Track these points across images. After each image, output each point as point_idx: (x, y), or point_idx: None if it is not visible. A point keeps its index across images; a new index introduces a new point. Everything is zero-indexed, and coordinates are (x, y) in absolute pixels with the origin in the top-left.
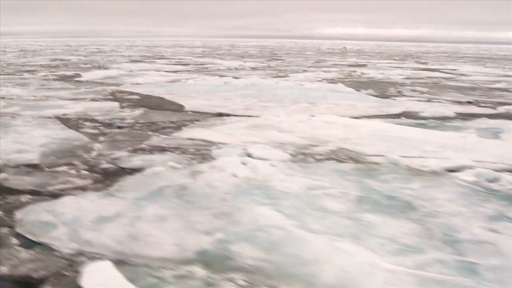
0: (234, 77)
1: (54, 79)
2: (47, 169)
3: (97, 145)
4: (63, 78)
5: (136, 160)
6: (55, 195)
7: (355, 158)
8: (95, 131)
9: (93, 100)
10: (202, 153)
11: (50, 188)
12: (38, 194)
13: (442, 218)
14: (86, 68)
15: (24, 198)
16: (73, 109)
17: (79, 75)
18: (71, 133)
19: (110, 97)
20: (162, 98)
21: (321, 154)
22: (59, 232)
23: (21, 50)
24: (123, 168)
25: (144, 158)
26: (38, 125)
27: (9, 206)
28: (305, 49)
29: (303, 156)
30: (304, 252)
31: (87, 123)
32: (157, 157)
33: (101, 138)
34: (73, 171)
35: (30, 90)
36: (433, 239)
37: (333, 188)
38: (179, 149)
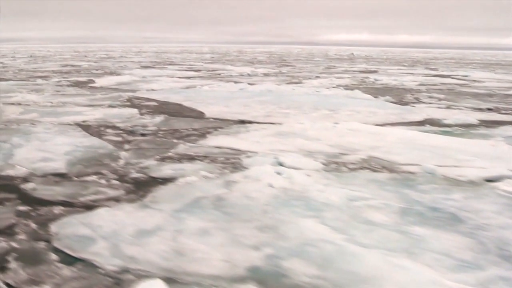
0: (249, 83)
1: (68, 85)
2: (75, 178)
3: (123, 153)
4: (77, 84)
5: (166, 169)
6: (88, 207)
7: (388, 168)
8: (119, 139)
9: (110, 106)
10: (232, 162)
11: (82, 199)
12: (71, 205)
13: (493, 231)
14: (98, 74)
15: (56, 209)
16: (92, 115)
17: (92, 81)
18: (94, 141)
19: (128, 103)
20: (180, 105)
21: (353, 163)
22: (99, 246)
23: (31, 56)
24: (154, 178)
25: (174, 167)
26: (60, 132)
27: (42, 219)
28: (313, 55)
29: (335, 165)
30: (360, 268)
31: (109, 130)
32: (186, 166)
33: (126, 146)
34: (103, 181)
35: (45, 96)
36: (489, 253)
37: (373, 199)
38: (208, 158)
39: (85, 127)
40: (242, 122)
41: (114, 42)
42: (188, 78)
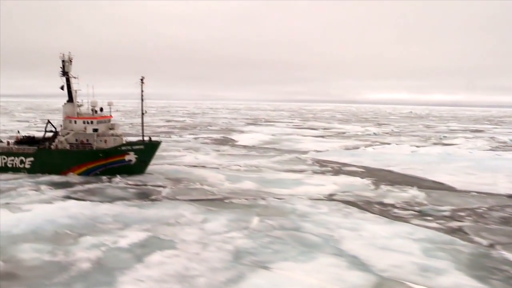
0: (416, 146)
1: (212, 143)
2: None
3: (503, 253)
4: (221, 142)
5: None
6: None
7: None
8: (435, 225)
9: (317, 173)
10: None
11: None
12: None
13: None
14: (218, 131)
15: None
16: (322, 186)
17: (230, 139)
18: (425, 231)
19: (329, 169)
20: (390, 171)
21: None
22: None
23: (117, 110)
24: None
25: None
26: (340, 213)
27: None
28: (378, 114)
29: None
30: None
31: (396, 211)
32: None
33: (480, 241)
34: None
35: (214, 156)
36: None
37: None
38: None
39: (352, 204)
40: (510, 196)
41: (174, 99)
42: (323, 137)
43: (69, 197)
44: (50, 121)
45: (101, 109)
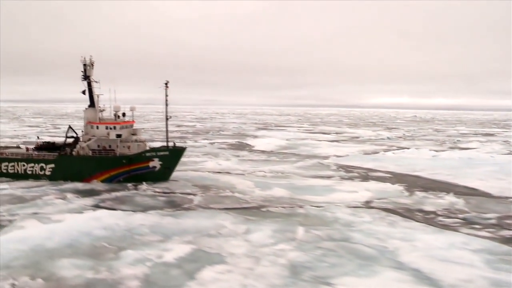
0: (435, 151)
1: (228, 148)
2: None
3: None
4: (237, 147)
5: None
6: None
7: None
8: (485, 234)
9: (344, 178)
10: None
11: None
12: None
13: None
14: (231, 136)
15: None
16: (355, 193)
17: (245, 144)
18: (480, 241)
19: (356, 175)
20: (419, 177)
21: None
22: None
23: (124, 116)
24: None
25: None
26: (386, 222)
27: None
28: (383, 118)
29: None
30: None
31: (442, 219)
32: None
33: None
34: None
35: (235, 162)
36: None
37: None
38: None
39: (393, 212)
40: None
41: (180, 104)
42: (337, 141)
43: (98, 206)
44: (71, 126)
45: (124, 114)
